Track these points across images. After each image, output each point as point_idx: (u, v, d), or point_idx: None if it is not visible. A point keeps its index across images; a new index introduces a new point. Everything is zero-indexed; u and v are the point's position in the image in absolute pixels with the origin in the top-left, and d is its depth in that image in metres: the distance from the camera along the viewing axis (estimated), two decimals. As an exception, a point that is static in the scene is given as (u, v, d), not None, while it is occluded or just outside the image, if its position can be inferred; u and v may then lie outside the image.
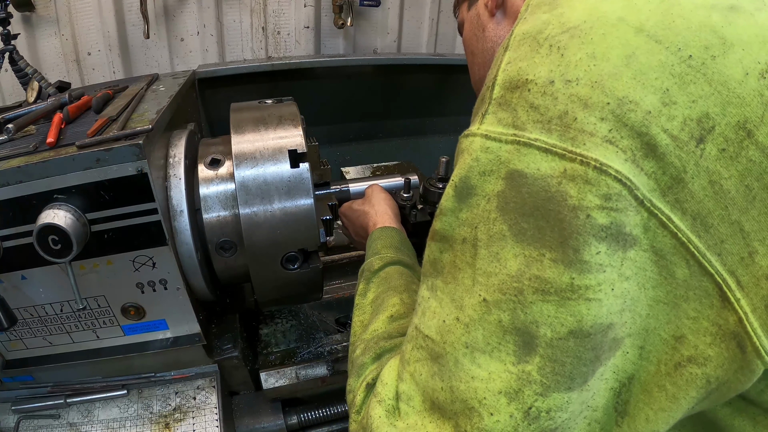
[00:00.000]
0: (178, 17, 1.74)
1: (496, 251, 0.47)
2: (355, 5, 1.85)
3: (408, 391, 0.54)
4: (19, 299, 0.95)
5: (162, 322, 1.04)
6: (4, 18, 1.40)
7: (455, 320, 0.50)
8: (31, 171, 0.83)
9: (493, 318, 0.47)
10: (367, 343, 0.73)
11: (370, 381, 0.66)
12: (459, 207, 0.51)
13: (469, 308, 0.48)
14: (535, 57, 0.49)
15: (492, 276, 0.47)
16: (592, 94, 0.45)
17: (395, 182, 1.23)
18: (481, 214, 0.48)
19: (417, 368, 0.54)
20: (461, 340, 0.49)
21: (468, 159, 0.50)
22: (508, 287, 0.46)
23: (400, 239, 0.96)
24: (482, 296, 0.47)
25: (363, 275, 0.89)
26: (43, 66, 1.66)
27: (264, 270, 1.02)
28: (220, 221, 1.02)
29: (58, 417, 1.08)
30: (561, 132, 0.45)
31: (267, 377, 1.18)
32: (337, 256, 1.55)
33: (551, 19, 0.51)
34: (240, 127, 1.02)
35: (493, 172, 0.48)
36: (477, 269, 0.48)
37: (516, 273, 0.46)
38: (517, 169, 0.46)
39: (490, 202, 0.48)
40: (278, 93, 1.20)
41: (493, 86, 0.51)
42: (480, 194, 0.49)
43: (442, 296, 0.52)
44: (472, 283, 0.49)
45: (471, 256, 0.49)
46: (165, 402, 1.11)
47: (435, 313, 0.53)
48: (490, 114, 0.50)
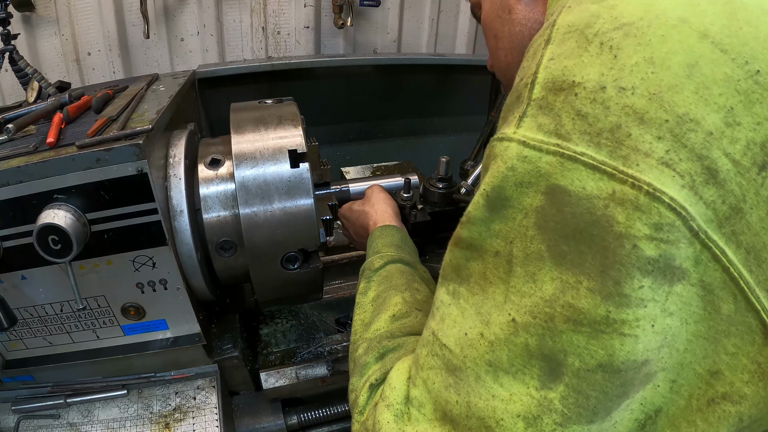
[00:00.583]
0: (178, 17, 1.74)
1: (532, 271, 0.44)
2: (355, 5, 1.85)
3: (420, 397, 0.53)
4: (19, 299, 0.95)
5: (162, 322, 1.04)
6: (4, 18, 1.40)
7: (479, 335, 0.47)
8: (31, 171, 0.83)
9: (520, 341, 0.44)
10: (369, 343, 0.73)
11: (374, 381, 0.65)
12: (491, 218, 0.47)
13: (496, 326, 0.46)
14: (584, 55, 0.44)
15: (525, 297, 0.44)
16: (649, 107, 0.40)
17: (395, 182, 1.23)
18: (517, 229, 0.45)
19: (430, 376, 0.52)
20: (484, 357, 0.46)
21: (502, 167, 0.45)
22: (540, 311, 0.43)
23: (400, 237, 0.96)
24: (512, 316, 0.45)
25: (364, 274, 0.88)
26: (43, 66, 1.66)
27: (264, 270, 1.02)
28: (220, 221, 1.02)
29: (58, 417, 1.08)
30: (612, 148, 0.40)
31: (267, 377, 1.18)
32: (337, 256, 1.55)
33: (601, 12, 0.46)
34: (240, 127, 1.02)
35: (532, 185, 0.43)
36: (511, 286, 0.45)
37: (550, 298, 0.43)
38: (559, 184, 0.42)
39: (527, 217, 0.44)
40: (278, 93, 1.20)
41: (532, 84, 0.46)
42: (516, 207, 0.45)
43: (466, 306, 0.50)
44: (503, 300, 0.46)
45: (505, 272, 0.46)
46: (165, 402, 1.11)
47: (455, 322, 0.51)
48: (529, 117, 0.45)
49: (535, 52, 0.49)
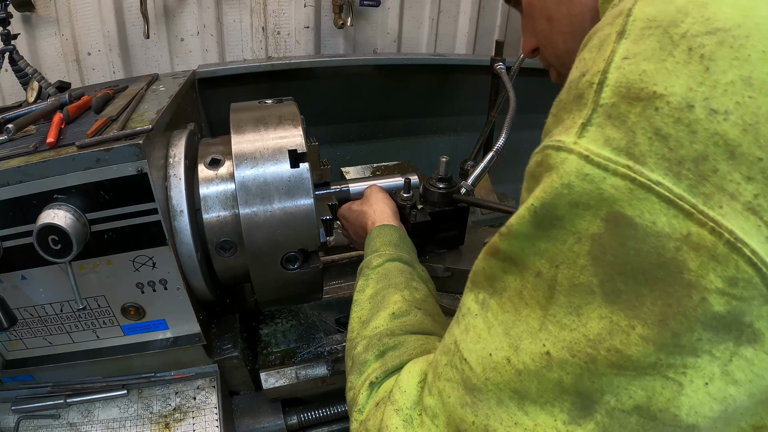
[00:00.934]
0: (178, 17, 1.74)
1: (578, 304, 0.40)
2: (355, 5, 1.85)
3: (434, 407, 0.51)
4: (19, 299, 0.95)
5: (162, 322, 1.04)
6: (4, 18, 1.40)
7: (505, 360, 0.44)
8: (31, 171, 0.83)
9: (553, 376, 0.41)
10: (369, 340, 0.72)
11: (374, 379, 0.65)
12: (536, 235, 0.42)
13: (526, 354, 0.42)
14: (668, 61, 0.37)
15: (565, 330, 0.40)
16: (742, 140, 0.35)
17: (395, 182, 1.23)
18: (566, 254, 0.40)
19: (446, 388, 0.50)
20: (510, 384, 0.43)
21: (557, 182, 0.40)
22: (580, 351, 0.39)
23: (399, 236, 0.96)
24: (546, 348, 0.41)
25: (362, 272, 0.88)
26: (43, 66, 1.66)
27: (264, 270, 1.02)
28: (220, 221, 1.02)
29: (58, 417, 1.08)
30: (693, 182, 0.35)
31: (267, 377, 1.18)
32: (337, 256, 1.55)
33: (690, 9, 0.39)
34: (240, 127, 1.02)
35: (590, 208, 0.38)
36: (549, 314, 0.41)
37: (595, 338, 0.39)
38: (624, 214, 0.37)
39: (580, 243, 0.39)
40: (278, 93, 1.20)
41: (600, 86, 0.40)
42: (568, 229, 0.40)
43: (494, 321, 0.46)
44: (538, 327, 0.42)
45: (545, 297, 0.42)
46: (165, 402, 1.11)
47: (480, 337, 0.47)
48: (595, 127, 0.39)
49: (602, 43, 0.42)
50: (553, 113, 0.45)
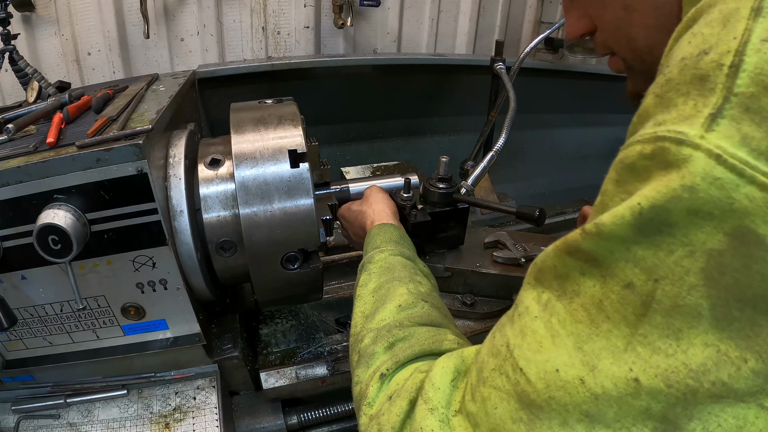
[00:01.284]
0: (178, 17, 1.74)
1: (678, 327, 0.35)
2: (355, 5, 1.85)
3: (476, 414, 0.46)
4: (19, 299, 0.95)
5: (162, 322, 1.04)
6: (4, 18, 1.40)
7: (578, 380, 0.39)
8: (31, 171, 0.83)
9: (639, 404, 0.36)
10: (377, 333, 0.70)
11: (385, 371, 0.62)
12: (635, 240, 0.36)
13: (606, 378, 0.37)
14: None
15: (659, 354, 0.36)
16: None
17: (395, 182, 1.23)
18: (671, 268, 0.35)
19: (493, 397, 0.45)
20: (581, 407, 0.39)
21: (676, 182, 0.34)
22: (679, 381, 0.35)
23: (399, 234, 0.96)
24: (635, 374, 0.36)
25: (363, 267, 0.88)
26: (43, 66, 1.66)
27: (264, 270, 1.02)
28: (220, 221, 1.02)
29: (58, 417, 1.08)
30: None
31: (267, 377, 1.18)
32: (337, 256, 1.55)
33: None
34: (240, 127, 1.02)
35: (713, 218, 0.33)
36: (639, 334, 0.36)
37: (698, 368, 0.34)
38: (755, 231, 0.32)
39: (693, 259, 0.34)
40: (278, 93, 1.20)
41: (735, 69, 0.34)
42: (679, 239, 0.34)
43: (560, 330, 0.41)
44: (623, 347, 0.37)
45: (634, 314, 0.37)
46: (165, 402, 1.11)
47: (541, 346, 0.42)
48: (728, 120, 0.33)
49: (727, 18, 0.36)
50: (657, 93, 0.39)
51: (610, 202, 0.40)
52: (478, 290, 1.28)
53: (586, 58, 2.00)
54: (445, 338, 0.66)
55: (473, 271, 1.25)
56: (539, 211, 1.07)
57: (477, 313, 1.25)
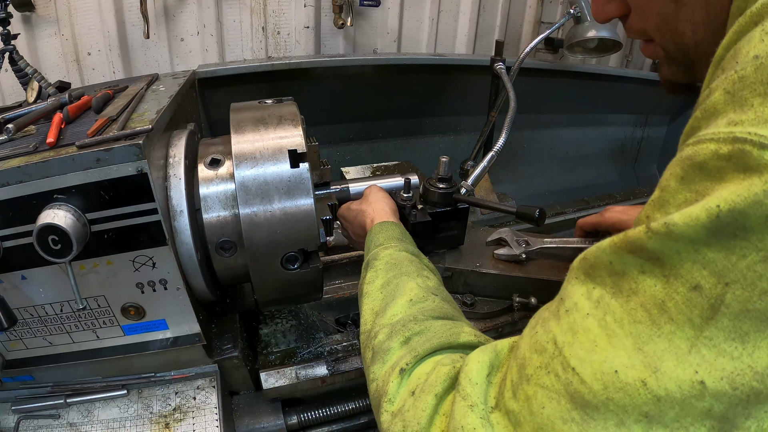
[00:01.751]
0: (178, 17, 1.74)
1: (746, 331, 0.36)
2: (355, 5, 1.85)
3: (519, 413, 0.45)
4: (19, 299, 0.95)
5: (162, 322, 1.04)
6: (4, 18, 1.40)
7: (640, 382, 0.39)
8: (31, 171, 0.83)
9: (703, 405, 0.37)
10: (391, 328, 0.69)
11: (405, 366, 0.61)
12: (707, 242, 0.36)
13: (670, 380, 0.38)
14: None
15: (724, 357, 0.36)
16: None
17: (395, 182, 1.23)
18: (744, 272, 0.35)
19: (540, 396, 0.44)
20: (641, 408, 0.39)
21: (758, 187, 0.34)
22: (744, 383, 0.36)
23: (401, 231, 0.96)
24: (701, 377, 0.37)
25: (369, 265, 0.88)
26: (43, 66, 1.67)
27: (264, 270, 1.02)
28: (220, 221, 1.02)
29: (58, 417, 1.08)
30: None
31: (267, 377, 1.18)
32: (337, 256, 1.55)
33: None
34: (240, 127, 1.02)
35: None
36: (704, 336, 0.37)
37: (763, 371, 0.35)
38: None
39: (766, 264, 0.34)
40: (278, 93, 1.20)
41: None
42: (755, 244, 0.35)
43: (617, 329, 0.41)
44: (687, 350, 0.37)
45: (701, 317, 0.37)
46: (165, 402, 1.11)
47: (596, 345, 0.42)
48: None
49: None
50: (728, 90, 0.38)
51: (672, 199, 0.40)
52: (478, 290, 1.28)
53: (586, 58, 1.99)
54: (462, 331, 0.65)
55: (473, 271, 1.25)
56: (539, 211, 1.07)
57: (477, 313, 1.25)
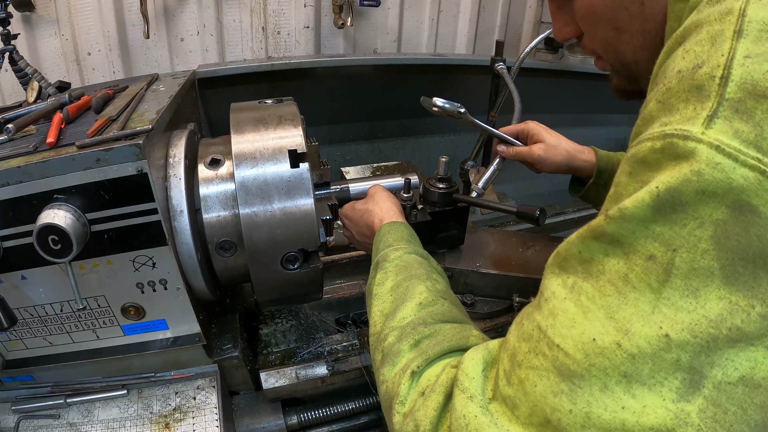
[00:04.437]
0: (178, 17, 1.74)
1: (695, 287, 0.42)
2: (355, 5, 1.85)
3: (515, 397, 0.50)
4: (19, 299, 0.95)
5: (162, 322, 1.04)
6: (4, 18, 1.40)
7: (615, 345, 0.44)
8: (31, 171, 0.83)
9: (671, 356, 0.42)
10: (401, 331, 0.71)
11: (416, 368, 0.63)
12: (653, 219, 0.43)
13: (640, 338, 0.43)
14: None
15: (682, 312, 0.42)
16: None
17: (395, 182, 1.23)
18: (686, 238, 0.42)
19: (531, 376, 0.49)
20: (619, 368, 0.44)
21: (686, 169, 0.41)
22: (702, 331, 0.41)
23: (410, 233, 0.97)
24: (665, 331, 0.42)
25: (379, 266, 0.88)
26: (43, 66, 1.66)
27: (264, 270, 1.02)
28: (220, 221, 1.02)
29: (58, 417, 1.08)
30: None
31: (267, 377, 1.18)
32: (337, 256, 1.55)
33: None
34: (240, 127, 1.02)
35: (716, 196, 0.40)
36: (663, 297, 0.43)
37: (716, 318, 0.41)
38: (750, 203, 0.39)
39: (702, 228, 0.41)
40: (278, 93, 1.20)
41: (724, 80, 0.42)
42: (691, 215, 0.42)
43: (591, 306, 0.47)
44: (650, 311, 0.43)
45: (657, 281, 0.43)
46: (165, 402, 1.11)
47: (575, 321, 0.47)
48: (722, 119, 0.41)
49: (714, 38, 0.45)
50: (659, 100, 0.47)
51: (624, 191, 0.47)
52: (478, 290, 1.28)
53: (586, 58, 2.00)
54: (470, 334, 0.67)
55: (473, 271, 1.25)
56: (539, 211, 1.07)
57: (477, 313, 1.25)
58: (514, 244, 1.36)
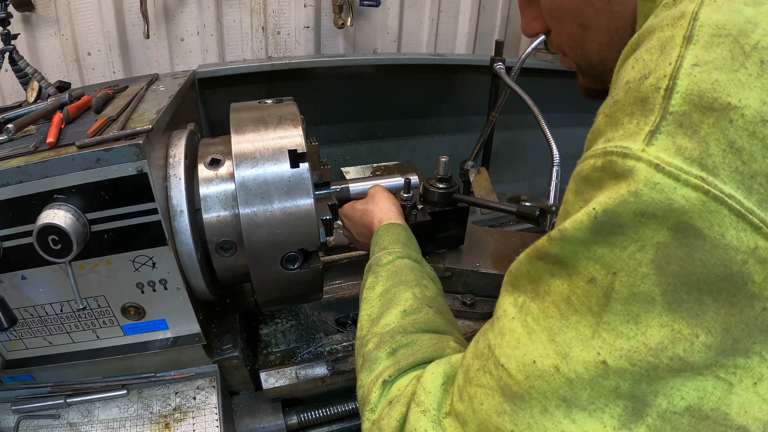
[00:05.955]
0: (178, 17, 1.74)
1: (636, 312, 0.40)
2: (355, 5, 1.85)
3: (464, 413, 0.50)
4: (19, 299, 0.95)
5: (162, 322, 1.04)
6: (4, 18, 1.40)
7: (553, 368, 0.43)
8: (31, 171, 0.83)
9: (609, 384, 0.41)
10: (381, 338, 0.71)
11: (387, 378, 0.64)
12: (593, 240, 0.41)
13: (578, 363, 0.42)
14: (740, 72, 0.37)
15: (622, 338, 0.40)
16: None
17: (395, 182, 1.23)
18: (626, 262, 0.40)
19: (479, 395, 0.49)
20: (558, 392, 0.43)
21: (623, 189, 0.39)
22: (641, 359, 0.39)
23: (406, 235, 0.96)
24: (602, 357, 0.40)
25: (371, 269, 0.88)
26: (43, 66, 1.66)
27: (264, 270, 1.02)
28: (220, 221, 1.02)
29: (58, 417, 1.08)
30: (764, 196, 0.36)
31: (267, 377, 1.18)
32: (337, 256, 1.55)
33: (759, 19, 0.38)
34: (240, 127, 1.02)
35: (656, 217, 0.38)
36: (603, 322, 0.41)
37: (656, 346, 0.39)
38: (693, 225, 0.37)
39: (643, 252, 0.39)
40: (278, 93, 1.20)
41: (669, 92, 0.39)
42: (630, 236, 0.39)
43: (535, 326, 0.46)
44: (590, 335, 0.41)
45: (598, 305, 0.41)
46: (165, 402, 1.11)
47: (519, 342, 0.46)
48: (665, 135, 0.38)
49: (664, 45, 0.41)
50: (606, 113, 0.44)
51: (571, 209, 0.45)
52: (478, 290, 1.28)
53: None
54: (447, 346, 0.67)
55: (473, 271, 1.25)
56: (539, 211, 1.07)
57: (477, 313, 1.25)
58: (514, 244, 1.36)
